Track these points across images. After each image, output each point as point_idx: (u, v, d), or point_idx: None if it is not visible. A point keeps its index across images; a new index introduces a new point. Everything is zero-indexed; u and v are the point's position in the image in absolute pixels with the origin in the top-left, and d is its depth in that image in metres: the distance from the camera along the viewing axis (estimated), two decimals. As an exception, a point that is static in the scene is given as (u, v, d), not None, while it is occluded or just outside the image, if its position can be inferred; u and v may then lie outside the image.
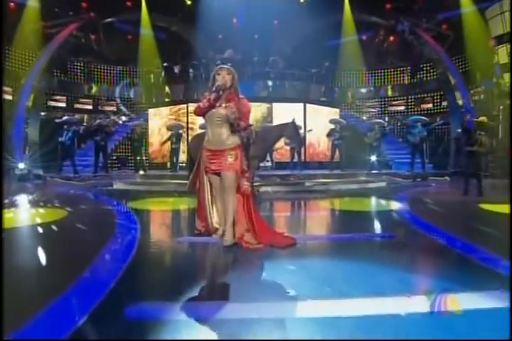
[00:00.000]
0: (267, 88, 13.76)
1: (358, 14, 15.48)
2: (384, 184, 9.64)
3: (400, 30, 15.17)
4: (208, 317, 1.83)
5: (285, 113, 11.02)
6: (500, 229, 3.86)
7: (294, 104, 12.23)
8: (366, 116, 15.82)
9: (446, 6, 13.93)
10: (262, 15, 14.08)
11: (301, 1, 15.59)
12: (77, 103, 15.23)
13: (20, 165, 10.95)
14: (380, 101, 16.37)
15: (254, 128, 6.08)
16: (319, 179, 9.35)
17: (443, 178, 11.32)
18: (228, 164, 3.09)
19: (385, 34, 16.65)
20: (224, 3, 14.58)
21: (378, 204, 6.60)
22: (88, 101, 15.50)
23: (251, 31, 15.08)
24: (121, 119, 15.52)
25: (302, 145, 9.26)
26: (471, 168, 6.90)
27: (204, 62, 13.76)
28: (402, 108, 15.92)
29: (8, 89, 12.15)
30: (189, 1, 15.87)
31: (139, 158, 12.01)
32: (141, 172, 11.25)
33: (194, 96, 12.90)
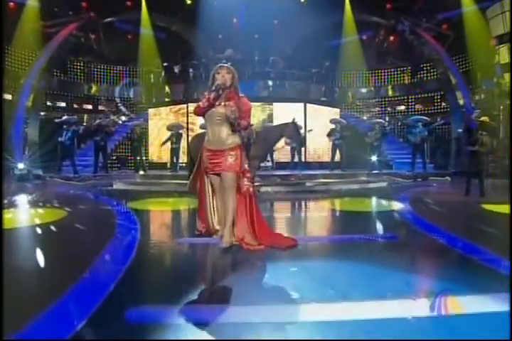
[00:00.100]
0: (267, 88, 13.73)
1: (358, 14, 15.47)
2: (385, 184, 9.61)
3: (401, 30, 15.17)
4: (209, 321, 1.80)
5: (285, 113, 11.00)
6: (503, 230, 3.83)
7: (294, 104, 12.20)
8: (367, 116, 15.79)
9: (446, 5, 13.92)
10: (262, 15, 14.04)
11: (302, 1, 15.56)
12: (77, 103, 15.21)
13: (20, 165, 10.92)
14: (380, 101, 16.35)
15: (254, 128, 6.05)
16: (320, 179, 9.33)
17: (444, 178, 11.29)
18: (228, 164, 3.05)
19: (386, 34, 16.63)
20: (224, 3, 14.56)
21: (379, 205, 6.57)
22: (88, 101, 15.47)
23: (251, 31, 15.03)
24: (121, 119, 15.48)
25: (303, 145, 9.23)
26: (472, 167, 6.89)
27: (204, 62, 13.73)
28: (402, 108, 15.90)
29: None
30: (189, 1, 15.84)
31: (138, 158, 11.97)
32: (141, 173, 11.22)
33: (194, 96, 12.86)
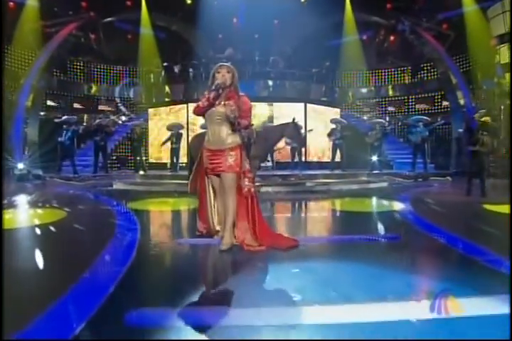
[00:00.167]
0: (268, 88, 13.72)
1: (358, 14, 15.46)
2: (385, 184, 9.59)
3: (401, 29, 15.15)
4: (210, 323, 1.78)
5: (286, 113, 10.97)
6: (504, 230, 3.80)
7: (294, 104, 12.18)
8: (367, 116, 15.77)
9: (446, 5, 13.92)
10: (262, 14, 14.02)
11: (302, 1, 15.55)
12: (77, 103, 15.18)
13: (20, 165, 10.89)
14: (380, 100, 16.33)
15: (255, 128, 6.03)
16: (320, 179, 9.31)
17: (445, 178, 11.28)
18: (228, 165, 3.03)
19: (386, 34, 16.62)
20: (224, 3, 14.54)
21: (380, 205, 6.55)
22: (88, 101, 15.45)
23: (251, 31, 15.02)
24: (121, 119, 15.46)
25: (303, 145, 9.21)
26: (473, 167, 6.88)
27: (204, 62, 13.70)
28: (402, 108, 15.88)
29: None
30: (189, 1, 15.83)
31: (138, 158, 11.96)
32: (141, 173, 11.20)
33: (194, 95, 12.84)
